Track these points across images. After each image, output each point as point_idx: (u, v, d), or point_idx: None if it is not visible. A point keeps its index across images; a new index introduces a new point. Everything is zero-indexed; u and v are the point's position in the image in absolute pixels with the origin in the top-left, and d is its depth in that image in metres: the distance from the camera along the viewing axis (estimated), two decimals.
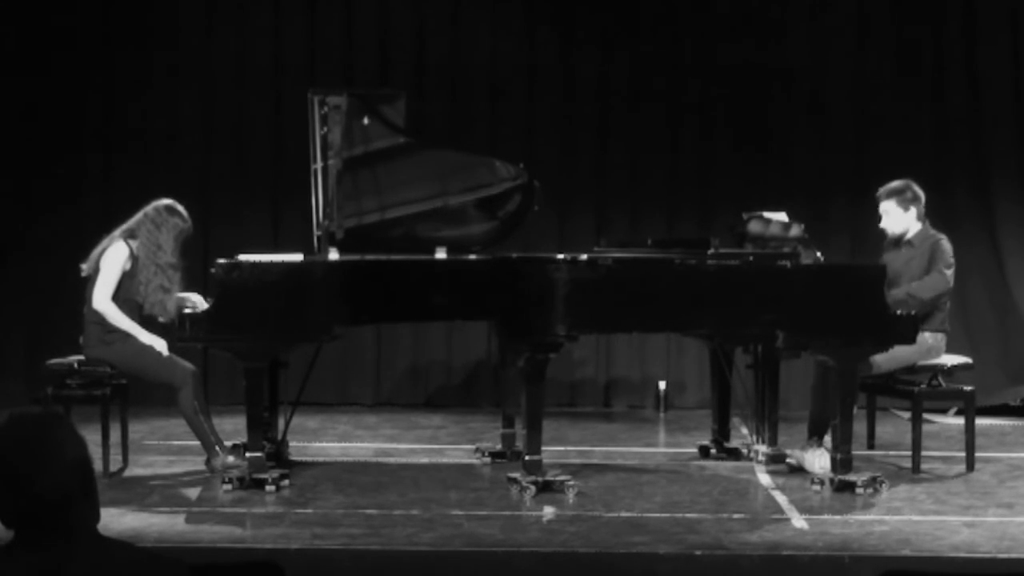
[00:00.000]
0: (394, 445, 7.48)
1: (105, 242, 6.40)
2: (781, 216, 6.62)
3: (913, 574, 4.67)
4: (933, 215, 6.88)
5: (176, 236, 6.42)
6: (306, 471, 6.54)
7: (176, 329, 6.12)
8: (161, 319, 6.35)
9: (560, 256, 6.19)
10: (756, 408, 6.88)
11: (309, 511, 5.66)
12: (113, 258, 6.33)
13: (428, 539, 5.17)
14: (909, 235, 6.74)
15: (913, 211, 6.72)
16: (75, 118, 8.94)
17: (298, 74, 8.85)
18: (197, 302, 6.40)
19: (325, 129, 6.50)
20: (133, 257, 6.36)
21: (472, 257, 6.57)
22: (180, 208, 6.46)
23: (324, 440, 7.56)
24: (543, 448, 6.12)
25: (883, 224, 6.77)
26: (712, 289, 6.15)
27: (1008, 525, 5.49)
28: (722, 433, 7.04)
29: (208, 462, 6.29)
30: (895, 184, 6.76)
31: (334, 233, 6.43)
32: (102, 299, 6.29)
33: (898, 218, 6.73)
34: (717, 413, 7.08)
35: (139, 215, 6.44)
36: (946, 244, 6.68)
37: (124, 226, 6.44)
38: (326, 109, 6.48)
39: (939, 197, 6.89)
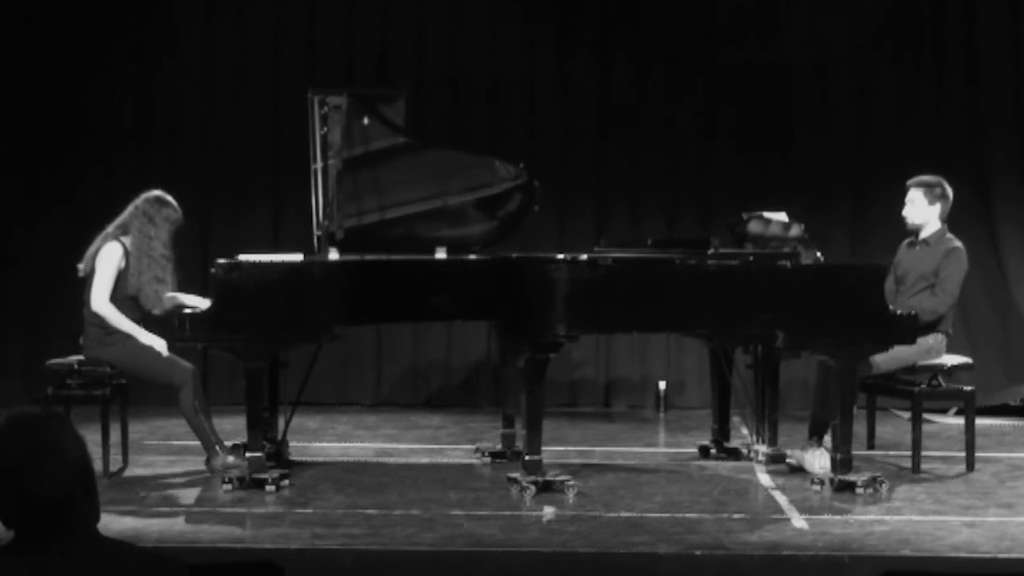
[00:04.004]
0: (394, 445, 7.48)
1: (99, 241, 6.39)
2: (781, 216, 6.62)
3: (913, 574, 4.66)
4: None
5: (168, 228, 6.42)
6: (306, 471, 6.54)
7: (176, 329, 6.12)
8: (155, 311, 6.36)
9: (560, 256, 6.18)
10: (756, 408, 6.88)
11: (309, 511, 5.66)
12: (108, 259, 6.32)
13: (428, 539, 5.17)
14: (926, 233, 6.74)
15: (938, 207, 6.72)
16: (75, 118, 8.94)
17: (298, 74, 8.85)
18: (196, 303, 6.39)
19: (325, 129, 6.50)
20: (127, 255, 6.36)
21: (472, 257, 6.57)
22: (170, 199, 6.46)
23: (324, 440, 7.56)
24: (543, 448, 6.12)
25: (905, 212, 6.77)
26: (712, 289, 6.14)
27: (1008, 525, 5.49)
28: (722, 433, 7.04)
29: (208, 462, 6.28)
30: (928, 177, 6.78)
31: (334, 233, 6.43)
32: (100, 301, 6.29)
33: (921, 209, 6.73)
34: (717, 413, 7.08)
35: (130, 208, 6.43)
36: (961, 257, 6.66)
37: (116, 222, 6.43)
38: (326, 109, 6.48)
39: None
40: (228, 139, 9.10)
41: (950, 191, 6.76)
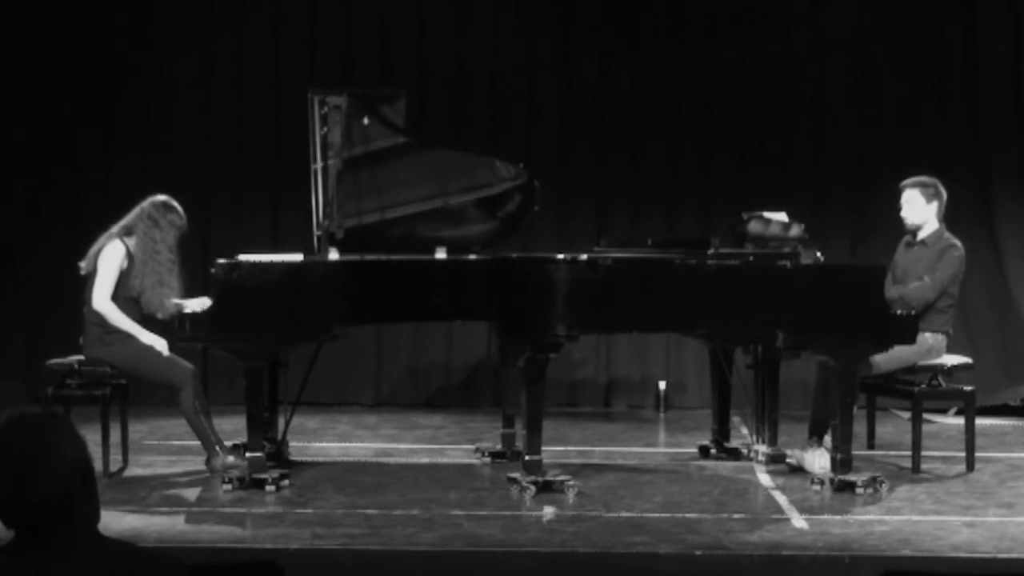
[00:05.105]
0: (394, 445, 7.48)
1: (102, 240, 6.40)
2: (781, 216, 6.62)
3: (913, 574, 4.66)
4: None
5: (173, 232, 6.42)
6: (306, 471, 6.54)
7: (176, 329, 6.12)
8: (159, 316, 6.35)
9: (560, 256, 6.18)
10: (756, 408, 6.88)
11: (309, 511, 5.66)
12: (110, 258, 6.32)
13: (428, 539, 5.17)
14: (924, 234, 6.74)
15: (935, 206, 6.73)
16: (75, 118, 8.94)
17: (298, 74, 8.85)
18: (198, 306, 6.39)
19: (325, 129, 6.50)
20: (130, 256, 6.35)
21: (472, 257, 6.57)
22: (176, 204, 6.47)
23: (324, 440, 7.56)
24: (543, 448, 6.12)
25: (903, 213, 6.78)
26: (712, 289, 6.14)
27: (1008, 525, 5.49)
28: (722, 433, 7.04)
29: (208, 462, 6.28)
30: (922, 177, 6.80)
31: (334, 233, 6.43)
32: (102, 300, 6.29)
33: (919, 208, 6.73)
34: (717, 413, 7.08)
35: (135, 211, 6.44)
36: (955, 254, 6.65)
37: (121, 223, 6.43)
38: (326, 109, 6.48)
39: None
40: (228, 139, 9.10)
41: (944, 191, 6.78)
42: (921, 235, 6.76)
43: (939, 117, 9.03)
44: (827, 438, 6.38)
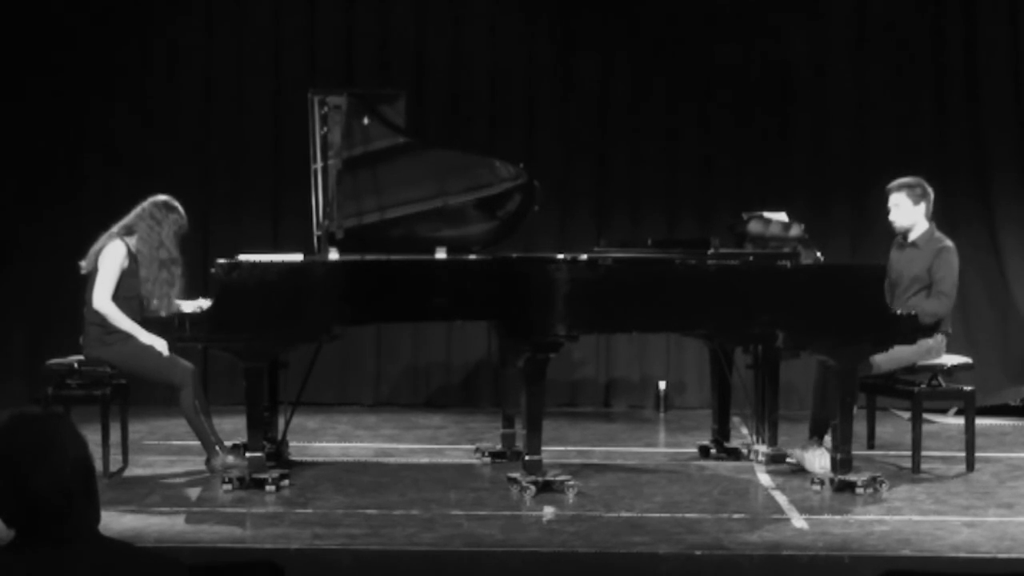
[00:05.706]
0: (394, 445, 7.48)
1: (103, 240, 6.39)
2: (781, 216, 6.62)
3: (913, 574, 4.66)
4: (934, 215, 6.88)
5: (176, 232, 6.43)
6: (306, 471, 6.54)
7: (176, 329, 6.12)
8: (163, 314, 6.34)
9: (560, 256, 6.19)
10: (756, 408, 6.88)
11: (309, 511, 5.66)
12: (111, 258, 6.32)
13: (428, 539, 5.17)
14: (915, 235, 6.74)
15: (923, 207, 6.72)
16: (75, 118, 8.94)
17: (298, 74, 8.85)
18: (197, 308, 6.39)
19: (325, 129, 6.50)
20: (131, 255, 6.35)
21: (472, 257, 6.57)
22: (176, 204, 6.47)
23: (324, 440, 7.56)
24: (543, 448, 6.12)
25: (892, 217, 6.77)
26: (712, 289, 6.15)
27: (1008, 525, 5.49)
28: (722, 433, 7.04)
29: (208, 462, 6.28)
30: (907, 178, 6.78)
31: (334, 233, 6.43)
32: (102, 299, 6.28)
33: (908, 211, 6.73)
34: (717, 413, 7.08)
35: (136, 211, 6.44)
36: (952, 257, 6.65)
37: (121, 223, 6.43)
38: (326, 109, 6.49)
39: (939, 197, 6.88)
40: (228, 139, 9.10)
41: (930, 189, 6.78)
42: (912, 236, 6.76)
43: (939, 117, 9.03)
44: (827, 438, 6.38)
